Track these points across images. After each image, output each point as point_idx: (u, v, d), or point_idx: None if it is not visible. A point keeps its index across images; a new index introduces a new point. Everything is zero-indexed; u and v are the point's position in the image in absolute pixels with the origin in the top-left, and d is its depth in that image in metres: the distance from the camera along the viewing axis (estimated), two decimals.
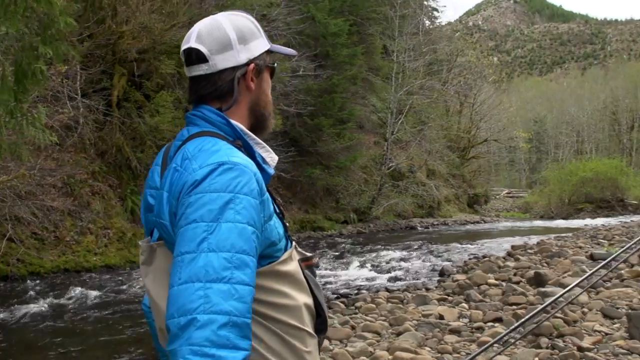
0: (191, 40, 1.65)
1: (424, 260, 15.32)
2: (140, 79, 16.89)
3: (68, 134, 14.48)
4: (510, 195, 63.41)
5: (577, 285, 4.78)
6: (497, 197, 59.38)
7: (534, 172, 77.90)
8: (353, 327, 7.75)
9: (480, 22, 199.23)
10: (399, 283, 12.15)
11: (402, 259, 15.54)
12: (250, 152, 1.61)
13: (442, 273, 12.76)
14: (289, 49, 1.86)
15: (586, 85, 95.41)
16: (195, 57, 1.64)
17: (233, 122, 1.63)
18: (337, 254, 17.00)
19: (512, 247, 16.01)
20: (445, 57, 43.39)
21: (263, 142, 1.69)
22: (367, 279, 12.88)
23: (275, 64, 1.79)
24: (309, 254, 1.78)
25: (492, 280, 10.39)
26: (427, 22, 45.55)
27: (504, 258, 13.82)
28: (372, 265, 14.54)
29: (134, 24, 16.09)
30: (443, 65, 42.64)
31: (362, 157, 27.54)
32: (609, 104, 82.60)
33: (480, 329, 7.39)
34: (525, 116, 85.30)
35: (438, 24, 51.65)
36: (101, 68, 15.86)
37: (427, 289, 10.81)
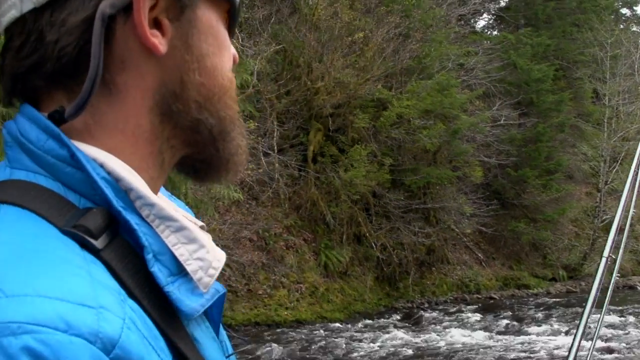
0: None
1: None
2: (335, 134, 17.01)
3: (263, 189, 14.85)
4: None
5: None
6: None
7: None
8: None
9: None
10: (613, 356, 11.16)
11: (616, 325, 14.25)
12: (137, 247, 0.64)
13: None
14: None
15: None
16: None
17: (88, 153, 0.65)
18: (543, 316, 15.92)
19: None
20: None
21: (181, 219, 0.67)
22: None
23: None
24: None
25: None
26: None
27: None
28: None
29: (329, 79, 16.32)
30: None
31: (572, 210, 25.79)
32: None
33: None
34: None
35: None
36: (297, 124, 16.17)
37: None
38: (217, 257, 0.70)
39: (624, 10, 42.84)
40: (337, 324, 14.17)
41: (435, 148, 18.65)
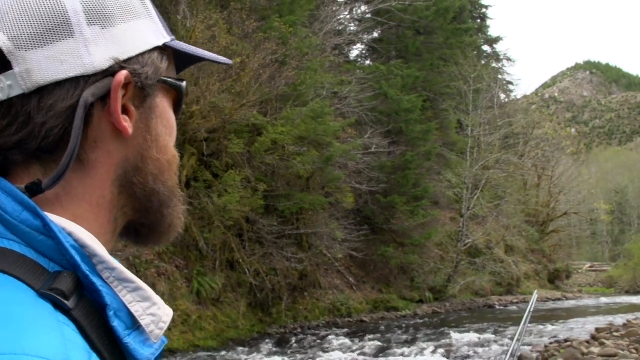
0: None
1: (501, 344, 14.60)
2: (210, 159, 16.84)
3: None
4: (593, 269, 60.95)
5: None
6: (579, 271, 57.26)
7: (617, 244, 75.99)
8: None
9: (556, 94, 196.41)
10: None
11: (478, 343, 14.93)
12: (98, 304, 0.71)
13: None
14: (215, 55, 0.92)
15: None
16: None
17: (58, 223, 0.71)
18: (410, 337, 16.43)
19: (597, 329, 15.19)
20: (521, 130, 42.57)
21: (137, 280, 0.75)
22: None
23: (184, 83, 0.88)
24: None
25: None
26: (502, 96, 44.90)
27: (587, 343, 13.09)
28: (447, 351, 13.96)
29: (204, 103, 16.15)
30: (519, 138, 41.89)
31: (437, 234, 26.83)
32: None
33: None
34: (605, 187, 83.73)
35: (513, 97, 51.03)
36: None
37: None
38: (167, 313, 0.78)
39: (486, 48, 45.58)
40: (210, 352, 13.95)
41: (308, 174, 18.84)
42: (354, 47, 31.15)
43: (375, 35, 30.65)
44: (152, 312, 0.75)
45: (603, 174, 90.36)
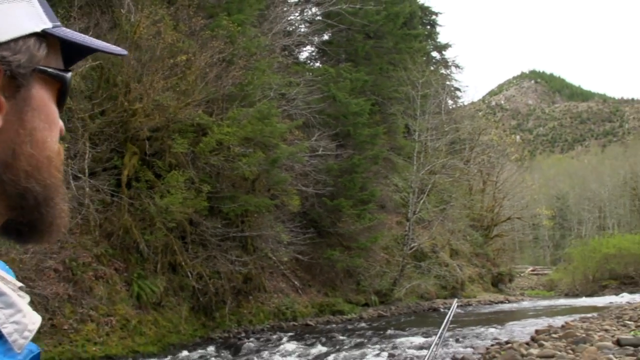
0: None
1: (444, 347, 14.54)
2: (152, 158, 16.43)
3: (71, 215, 13.96)
4: (535, 272, 62.46)
5: None
6: (522, 275, 58.63)
7: (557, 249, 77.97)
8: None
9: (502, 102, 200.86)
10: None
11: (422, 346, 14.80)
12: None
13: None
14: (108, 45, 0.83)
15: (606, 162, 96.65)
16: None
17: None
18: (354, 341, 16.30)
19: (536, 331, 15.28)
20: (467, 136, 43.10)
21: (7, 276, 0.76)
22: None
23: (69, 74, 0.81)
24: None
25: None
26: (450, 102, 45.41)
27: (527, 344, 13.12)
28: (390, 355, 13.85)
29: (148, 101, 15.73)
30: (465, 144, 42.39)
31: (383, 238, 26.93)
32: (629, 179, 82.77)
33: None
34: (547, 193, 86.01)
35: (460, 103, 51.72)
36: (111, 146, 15.41)
37: None
38: (33, 321, 0.73)
39: (435, 54, 46.12)
40: (151, 358, 13.63)
41: (254, 176, 18.61)
42: (304, 48, 31.09)
43: (325, 37, 30.60)
44: (16, 319, 0.70)
45: (545, 181, 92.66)
